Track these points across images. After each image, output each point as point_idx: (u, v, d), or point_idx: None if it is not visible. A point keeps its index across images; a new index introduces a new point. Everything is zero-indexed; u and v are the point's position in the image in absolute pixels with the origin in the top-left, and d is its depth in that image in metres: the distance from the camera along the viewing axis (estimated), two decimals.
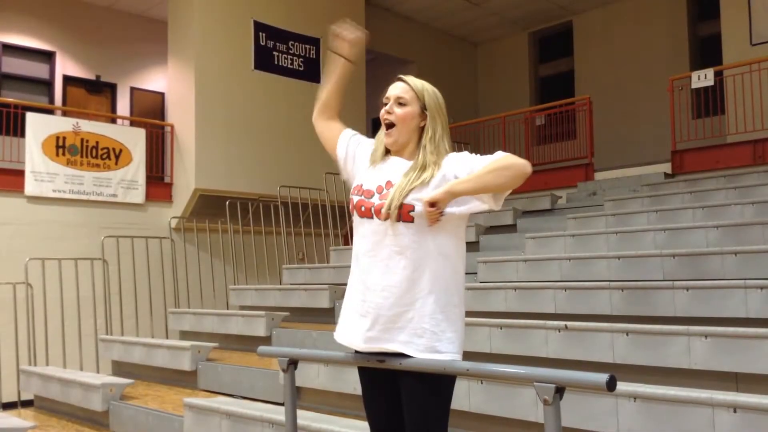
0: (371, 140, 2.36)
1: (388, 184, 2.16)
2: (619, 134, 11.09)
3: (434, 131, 2.18)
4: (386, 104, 2.23)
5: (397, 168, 2.19)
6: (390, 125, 2.21)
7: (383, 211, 2.11)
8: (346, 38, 2.32)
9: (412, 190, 2.09)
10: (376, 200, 2.16)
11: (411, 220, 2.09)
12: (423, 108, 2.20)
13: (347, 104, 2.47)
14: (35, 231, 8.27)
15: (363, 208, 2.18)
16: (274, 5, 10.14)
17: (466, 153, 2.19)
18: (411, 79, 2.24)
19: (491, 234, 7.41)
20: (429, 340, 2.08)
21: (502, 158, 2.09)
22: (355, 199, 2.22)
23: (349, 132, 2.39)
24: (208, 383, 5.80)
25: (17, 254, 7.82)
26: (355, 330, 2.18)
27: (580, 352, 3.94)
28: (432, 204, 2.03)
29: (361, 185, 2.23)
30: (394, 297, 2.10)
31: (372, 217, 2.15)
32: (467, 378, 3.55)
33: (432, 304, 2.09)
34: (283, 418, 2.63)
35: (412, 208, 2.08)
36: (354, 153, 2.34)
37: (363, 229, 2.19)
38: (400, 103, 2.20)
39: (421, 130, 2.21)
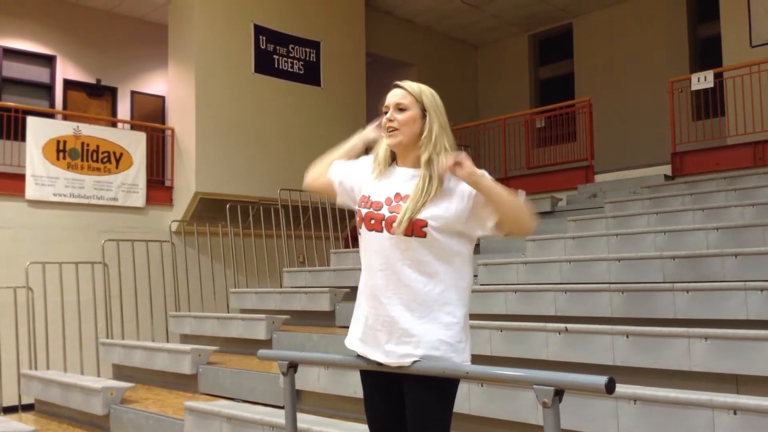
0: (366, 156, 2.37)
1: (397, 196, 2.17)
2: (619, 136, 11.09)
3: (431, 130, 2.18)
4: (386, 113, 2.23)
5: (404, 179, 2.20)
6: (392, 130, 2.22)
7: (395, 225, 2.11)
8: (375, 139, 2.39)
9: (425, 204, 2.10)
10: (386, 212, 2.16)
11: (423, 235, 2.09)
12: (423, 110, 2.21)
13: (347, 106, 2.48)
14: (36, 235, 8.27)
15: (372, 221, 2.18)
16: (274, 9, 10.16)
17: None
18: (407, 84, 2.25)
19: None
20: (445, 353, 2.09)
21: (521, 199, 2.13)
22: (363, 211, 2.21)
23: (336, 163, 2.40)
24: (209, 387, 5.80)
25: (18, 258, 7.82)
26: (372, 344, 2.18)
27: (580, 355, 3.94)
28: (458, 164, 2.05)
29: (369, 197, 2.22)
30: (409, 311, 2.11)
31: (382, 230, 2.15)
32: (467, 381, 3.55)
33: (446, 316, 2.11)
34: (284, 422, 2.63)
35: (425, 223, 2.08)
36: (349, 170, 2.35)
37: (372, 242, 2.18)
38: (400, 108, 2.21)
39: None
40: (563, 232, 6.52)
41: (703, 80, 8.45)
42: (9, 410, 7.18)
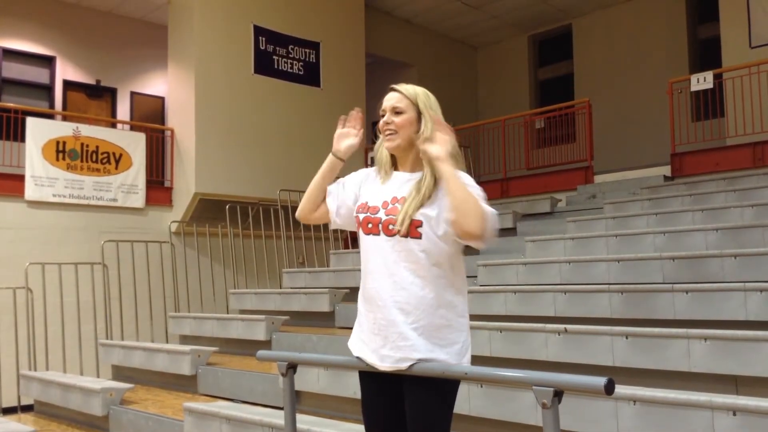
0: (357, 172, 2.36)
1: (393, 199, 2.17)
2: (619, 137, 11.09)
3: (425, 130, 2.19)
4: (383, 116, 2.24)
5: (401, 182, 2.21)
6: (391, 133, 2.23)
7: (396, 225, 2.11)
8: (348, 147, 2.34)
9: (422, 204, 2.10)
10: (382, 215, 2.17)
11: (419, 236, 2.10)
12: (419, 113, 2.22)
13: (347, 107, 2.47)
14: (35, 236, 8.27)
15: (370, 225, 2.19)
16: (274, 10, 10.16)
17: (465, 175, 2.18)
18: (403, 87, 2.26)
19: None
20: (441, 355, 2.10)
21: (478, 197, 2.05)
22: (361, 216, 2.22)
23: (330, 189, 2.35)
24: (208, 387, 5.80)
25: (17, 259, 7.82)
26: (369, 348, 2.19)
27: (580, 355, 3.94)
28: (446, 132, 2.09)
29: (367, 203, 2.24)
30: (404, 314, 2.11)
31: (379, 234, 2.16)
32: (467, 382, 3.55)
33: (441, 319, 2.12)
34: (283, 423, 2.63)
35: (420, 223, 2.09)
36: (343, 194, 2.32)
37: (369, 246, 2.19)
38: (397, 112, 2.22)
39: None
40: (563, 233, 6.52)
41: (703, 81, 8.45)
42: (8, 411, 7.18)
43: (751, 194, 6.36)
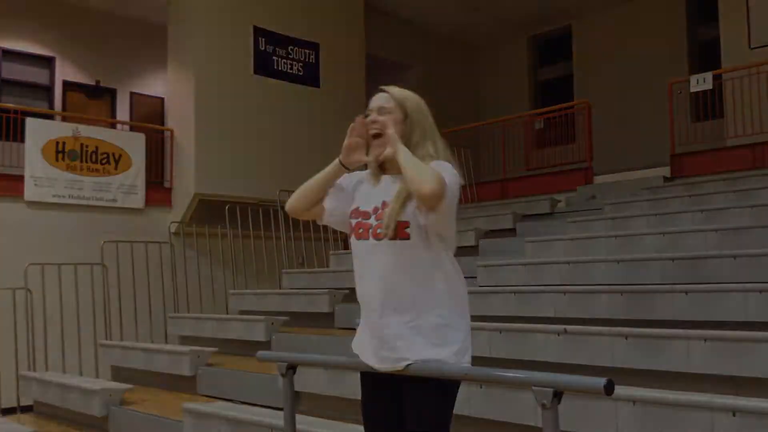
0: (351, 175, 2.35)
1: (384, 204, 2.17)
2: (619, 138, 11.09)
3: (409, 138, 2.18)
4: (369, 116, 2.24)
5: (390, 186, 2.21)
6: (377, 135, 2.22)
7: (382, 230, 2.11)
8: (358, 162, 2.29)
9: (405, 205, 2.10)
10: (373, 221, 2.18)
11: (407, 236, 2.10)
12: (406, 115, 2.21)
13: (346, 108, 2.47)
14: (35, 236, 8.26)
15: (361, 230, 2.20)
16: (273, 10, 10.16)
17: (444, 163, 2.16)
18: (392, 89, 2.27)
19: (491, 238, 7.41)
20: (438, 355, 2.10)
21: (435, 170, 2.04)
22: (353, 222, 2.24)
23: (330, 191, 2.32)
24: (208, 388, 5.80)
25: (17, 259, 7.80)
26: (368, 350, 2.20)
27: (579, 356, 3.94)
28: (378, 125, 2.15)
29: (358, 207, 2.25)
30: (399, 314, 2.12)
31: (368, 238, 2.17)
32: (467, 382, 3.55)
33: (438, 318, 2.12)
34: (283, 423, 2.63)
35: (408, 224, 2.10)
36: (340, 196, 2.31)
37: (360, 250, 2.21)
38: (383, 111, 2.22)
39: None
40: (562, 234, 6.52)
41: (702, 82, 8.46)
42: (8, 411, 7.17)
43: (750, 195, 6.36)
